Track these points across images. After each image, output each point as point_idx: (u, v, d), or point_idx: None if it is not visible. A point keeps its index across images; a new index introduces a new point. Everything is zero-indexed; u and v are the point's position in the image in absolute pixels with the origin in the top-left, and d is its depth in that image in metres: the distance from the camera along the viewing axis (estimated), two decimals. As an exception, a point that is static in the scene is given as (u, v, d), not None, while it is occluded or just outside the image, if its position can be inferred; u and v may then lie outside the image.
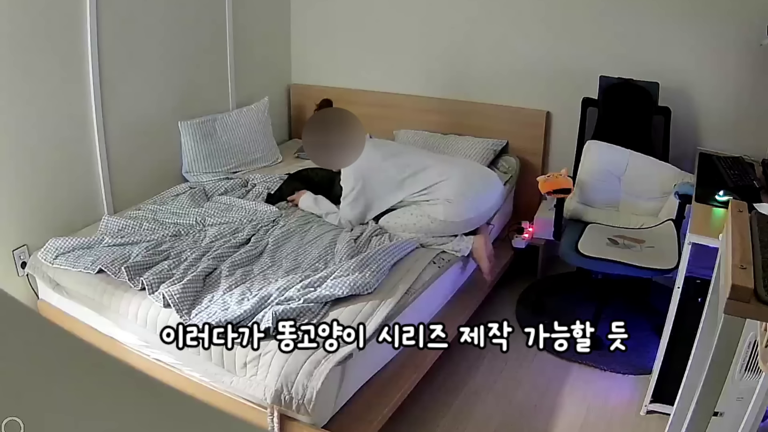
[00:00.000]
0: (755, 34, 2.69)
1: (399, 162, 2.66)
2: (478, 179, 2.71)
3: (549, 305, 2.97)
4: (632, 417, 2.29)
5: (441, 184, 2.57)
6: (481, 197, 2.66)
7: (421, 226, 2.54)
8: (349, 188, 2.64)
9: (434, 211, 2.55)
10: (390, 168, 2.64)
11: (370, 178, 2.62)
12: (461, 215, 2.57)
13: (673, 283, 2.11)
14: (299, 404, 1.75)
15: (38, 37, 2.41)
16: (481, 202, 2.66)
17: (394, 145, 2.96)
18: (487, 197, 2.70)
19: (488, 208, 2.72)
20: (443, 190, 2.56)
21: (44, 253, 2.33)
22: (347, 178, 2.65)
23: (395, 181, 2.63)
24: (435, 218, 2.54)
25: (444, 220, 2.54)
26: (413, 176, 2.62)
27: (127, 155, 2.88)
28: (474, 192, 2.64)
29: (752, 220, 1.43)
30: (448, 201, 2.54)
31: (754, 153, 2.73)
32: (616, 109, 2.93)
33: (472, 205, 2.61)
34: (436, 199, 2.55)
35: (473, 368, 2.55)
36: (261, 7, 3.64)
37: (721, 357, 1.24)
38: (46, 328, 0.43)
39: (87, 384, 0.41)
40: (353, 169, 2.61)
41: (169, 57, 3.05)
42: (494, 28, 3.32)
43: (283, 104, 3.97)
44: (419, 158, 2.72)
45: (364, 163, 2.59)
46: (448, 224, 2.55)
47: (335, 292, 2.03)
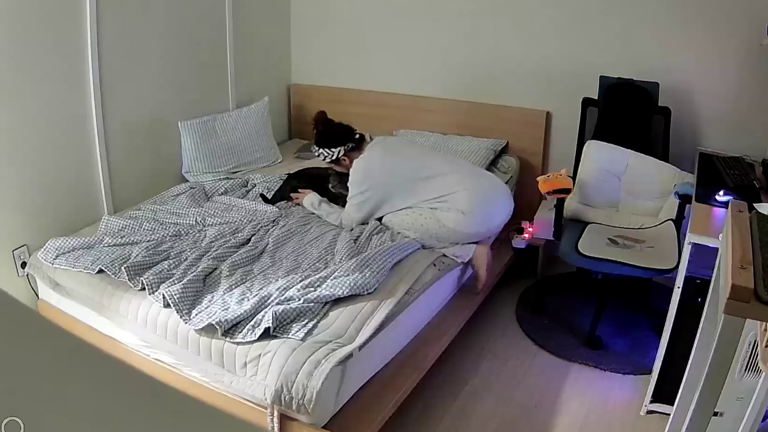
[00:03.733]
0: (755, 34, 2.69)
1: (414, 166, 2.59)
2: (494, 194, 2.66)
3: (549, 305, 2.97)
4: (632, 417, 2.29)
5: (458, 194, 2.51)
6: (494, 213, 2.64)
7: (427, 228, 2.51)
8: (357, 190, 2.59)
9: (446, 218, 2.50)
10: (403, 172, 2.58)
11: (382, 181, 2.57)
12: (471, 227, 2.54)
13: (673, 283, 2.11)
14: (299, 404, 1.75)
15: (38, 37, 2.41)
16: (493, 218, 2.64)
17: (408, 147, 2.87)
18: (499, 213, 2.67)
19: (497, 224, 2.70)
20: (459, 200, 2.50)
21: (44, 253, 2.33)
22: (356, 180, 2.60)
23: (408, 185, 2.56)
24: (444, 225, 2.50)
25: (453, 229, 2.50)
26: (428, 181, 2.56)
27: (127, 155, 2.89)
28: (489, 207, 2.60)
29: (752, 220, 1.43)
30: (462, 212, 2.50)
31: (754, 153, 2.74)
32: (616, 109, 2.93)
33: (485, 220, 2.59)
34: (450, 208, 2.51)
35: (473, 368, 2.55)
36: (261, 7, 3.64)
37: (721, 357, 1.24)
38: (46, 328, 0.43)
39: (87, 384, 0.41)
40: (364, 171, 2.58)
41: (169, 57, 3.05)
42: (494, 28, 3.32)
43: (283, 104, 3.97)
44: (435, 163, 2.64)
45: (377, 166, 2.57)
46: (457, 233, 2.52)
47: (335, 292, 2.03)
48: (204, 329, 1.92)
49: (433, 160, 2.68)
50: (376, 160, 2.60)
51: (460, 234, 2.53)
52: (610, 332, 2.76)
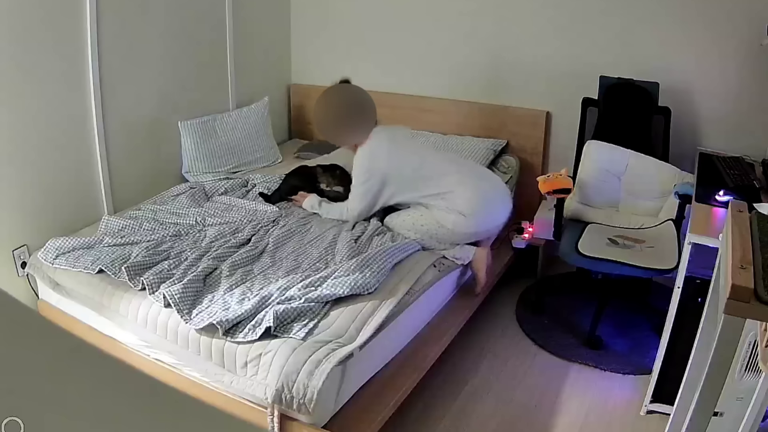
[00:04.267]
0: (755, 34, 2.69)
1: (415, 163, 2.58)
2: (494, 196, 2.65)
3: (549, 305, 2.97)
4: (632, 417, 2.29)
5: (457, 194, 2.51)
6: (493, 215, 2.63)
7: (428, 229, 2.51)
8: (362, 178, 2.57)
9: (445, 219, 2.50)
10: (406, 166, 2.57)
11: (387, 171, 2.55)
12: (471, 228, 2.54)
13: (673, 283, 2.11)
14: (300, 404, 1.75)
15: (38, 37, 2.41)
16: (492, 219, 2.63)
17: (411, 141, 2.85)
18: (499, 215, 2.66)
19: (497, 226, 2.69)
20: (459, 200, 2.50)
21: (44, 253, 2.33)
22: (361, 167, 2.57)
23: (409, 180, 2.56)
24: (443, 225, 2.50)
25: (452, 229, 2.50)
26: (429, 179, 2.56)
27: (127, 155, 2.89)
28: (489, 209, 2.60)
29: (752, 220, 1.43)
30: (461, 213, 2.50)
31: (754, 153, 2.74)
32: (616, 109, 2.93)
33: (484, 221, 2.58)
34: (449, 208, 2.51)
35: (473, 368, 2.55)
36: (261, 7, 3.64)
37: (721, 357, 1.24)
38: (46, 328, 0.43)
39: (87, 384, 0.41)
40: (370, 158, 2.55)
41: (169, 57, 3.05)
42: (495, 28, 3.32)
43: (283, 104, 3.97)
44: (437, 161, 2.64)
45: (383, 155, 2.54)
46: (455, 234, 2.52)
47: (336, 292, 2.03)
48: (204, 329, 1.92)
49: (434, 158, 2.67)
50: (383, 148, 2.56)
51: (459, 234, 2.53)
52: (610, 332, 2.76)
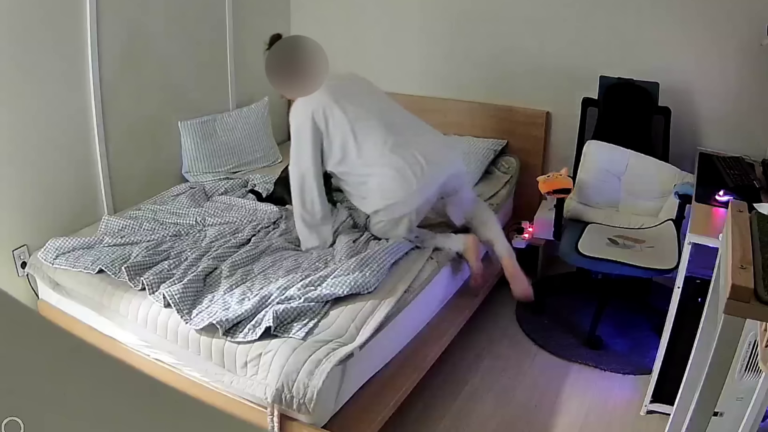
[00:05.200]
0: (755, 34, 2.69)
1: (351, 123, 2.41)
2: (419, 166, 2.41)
3: (549, 305, 2.97)
4: (632, 417, 2.29)
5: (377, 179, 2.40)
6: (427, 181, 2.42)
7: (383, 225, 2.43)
8: (294, 135, 2.45)
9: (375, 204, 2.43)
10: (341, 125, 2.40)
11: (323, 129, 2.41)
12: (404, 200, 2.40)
13: (673, 283, 2.11)
14: (300, 403, 1.75)
15: (38, 37, 2.41)
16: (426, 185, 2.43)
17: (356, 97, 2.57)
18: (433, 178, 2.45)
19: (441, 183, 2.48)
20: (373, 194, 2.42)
21: (44, 253, 2.33)
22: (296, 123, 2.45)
23: (341, 144, 2.40)
24: (379, 209, 2.42)
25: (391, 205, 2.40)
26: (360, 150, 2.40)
27: (127, 155, 2.89)
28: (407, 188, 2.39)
29: (752, 220, 1.43)
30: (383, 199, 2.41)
31: (754, 153, 2.74)
32: (616, 109, 2.93)
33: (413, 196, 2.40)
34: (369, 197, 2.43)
35: (473, 368, 2.55)
36: (261, 7, 3.64)
37: (721, 357, 1.24)
38: (46, 328, 0.43)
39: (87, 384, 0.41)
40: (303, 113, 2.43)
41: (169, 57, 3.05)
42: (495, 29, 3.32)
43: (283, 104, 3.95)
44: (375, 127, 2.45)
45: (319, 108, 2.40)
46: (399, 205, 2.40)
47: (336, 291, 2.03)
48: (204, 329, 1.92)
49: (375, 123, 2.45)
50: (320, 101, 2.41)
51: (403, 204, 2.40)
52: (610, 332, 2.76)
